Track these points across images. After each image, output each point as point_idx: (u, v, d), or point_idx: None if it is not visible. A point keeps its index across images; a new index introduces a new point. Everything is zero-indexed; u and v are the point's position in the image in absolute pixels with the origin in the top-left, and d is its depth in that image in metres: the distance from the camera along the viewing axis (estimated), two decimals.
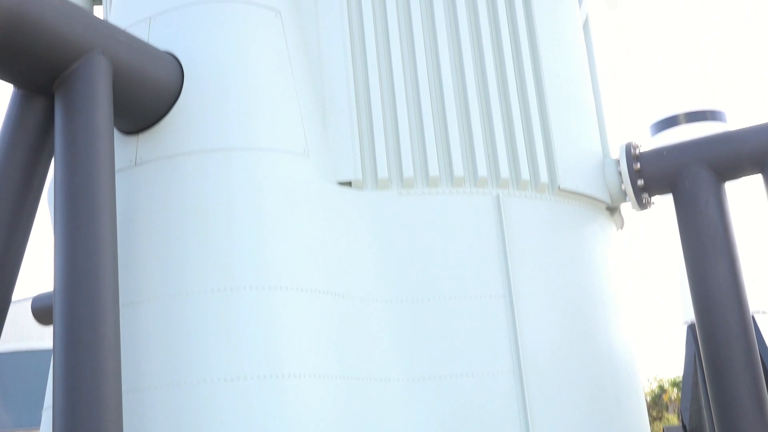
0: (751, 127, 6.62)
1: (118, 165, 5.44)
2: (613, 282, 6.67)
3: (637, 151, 6.83)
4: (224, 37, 5.63)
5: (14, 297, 5.00)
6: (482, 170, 6.02)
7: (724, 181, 6.61)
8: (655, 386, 28.37)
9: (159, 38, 5.73)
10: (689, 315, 13.58)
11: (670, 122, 15.68)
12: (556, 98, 6.56)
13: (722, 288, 6.33)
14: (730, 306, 6.30)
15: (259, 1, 5.85)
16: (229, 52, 5.59)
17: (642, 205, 6.86)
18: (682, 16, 15.68)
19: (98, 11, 7.94)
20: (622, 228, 7.36)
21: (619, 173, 6.79)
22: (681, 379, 11.60)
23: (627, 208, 7.16)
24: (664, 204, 8.15)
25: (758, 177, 6.57)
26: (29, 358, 13.78)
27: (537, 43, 6.60)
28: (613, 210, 7.03)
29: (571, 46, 7.01)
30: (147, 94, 5.26)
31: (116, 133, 5.55)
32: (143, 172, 5.39)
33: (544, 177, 6.24)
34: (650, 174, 6.71)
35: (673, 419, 25.50)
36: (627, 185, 6.74)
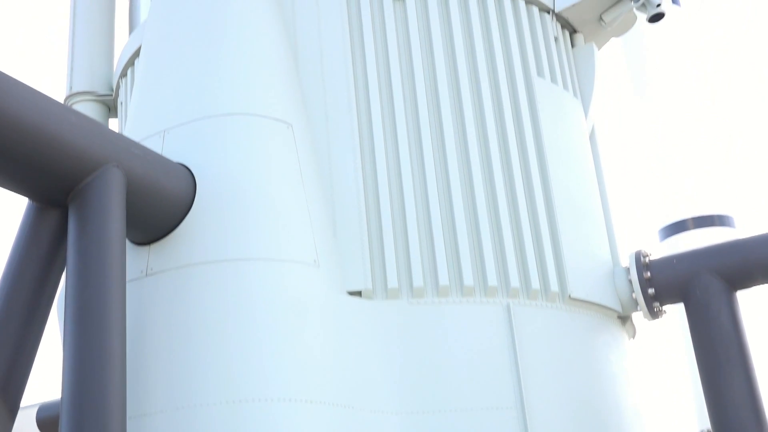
0: (761, 236, 6.63)
1: (129, 276, 5.46)
2: (628, 392, 6.57)
3: (647, 260, 6.83)
4: (236, 149, 5.73)
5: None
6: (492, 279, 6.02)
7: (736, 290, 6.58)
8: None
9: (173, 150, 5.83)
10: (704, 423, 13.32)
11: (678, 227, 15.74)
12: (564, 207, 6.61)
13: (739, 400, 6.22)
14: (747, 418, 6.18)
15: (271, 114, 5.97)
16: (241, 163, 5.68)
17: (654, 314, 6.82)
18: (689, 121, 15.90)
19: (113, 123, 8.11)
20: (634, 337, 7.29)
21: (630, 282, 6.77)
22: None
23: (638, 317, 7.11)
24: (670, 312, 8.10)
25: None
26: None
27: (544, 153, 6.69)
28: (624, 319, 6.99)
29: (578, 156, 7.10)
30: (160, 205, 5.32)
31: (128, 244, 5.59)
32: (154, 282, 5.41)
33: (554, 286, 6.23)
34: (661, 283, 6.69)
35: None
36: (638, 294, 6.71)
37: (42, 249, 4.94)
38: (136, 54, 7.34)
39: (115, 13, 8.35)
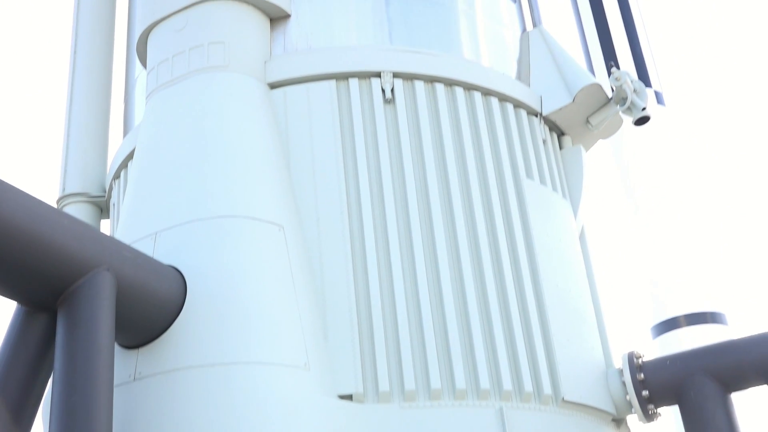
0: (754, 336, 6.61)
1: (116, 380, 5.39)
2: None
3: (640, 361, 6.79)
4: (227, 251, 5.74)
5: None
6: (485, 382, 5.96)
7: (730, 392, 6.53)
8: None
9: (164, 252, 5.84)
10: None
11: (670, 325, 15.70)
12: (556, 308, 6.60)
13: None
14: None
15: (263, 216, 6.00)
16: (232, 266, 5.68)
17: (648, 416, 6.74)
18: (679, 219, 16.04)
19: (105, 224, 8.13)
20: None
21: (623, 384, 6.71)
22: None
23: (633, 419, 7.02)
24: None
25: (764, 388, 6.49)
26: None
27: (535, 254, 6.72)
28: (619, 422, 6.89)
29: (568, 256, 7.13)
30: (150, 309, 5.29)
31: (116, 348, 5.54)
32: (142, 387, 5.33)
33: (547, 389, 6.16)
34: (655, 385, 6.63)
35: None
36: (632, 396, 6.65)
37: (29, 353, 4.88)
38: (130, 156, 7.42)
39: (110, 115, 8.47)
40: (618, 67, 16.83)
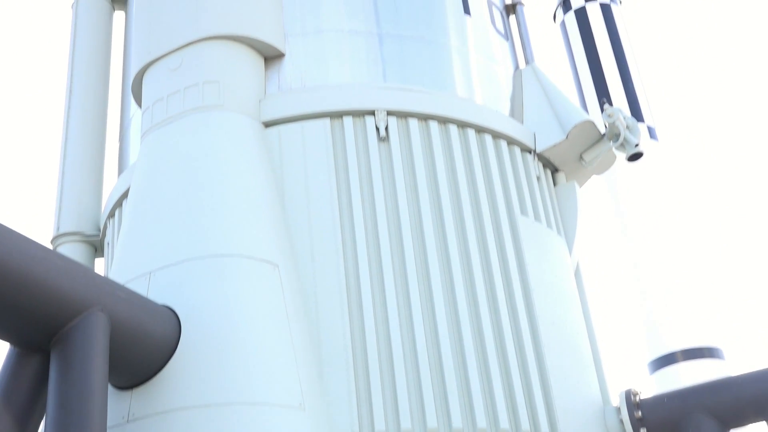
0: (751, 374, 6.59)
1: (110, 422, 5.33)
2: None
3: (638, 399, 6.75)
4: (221, 291, 5.72)
5: None
6: (481, 421, 5.91)
7: (728, 429, 6.48)
8: None
9: (158, 292, 5.81)
10: None
11: (668, 360, 15.62)
12: (552, 345, 6.57)
13: None
14: None
15: (258, 255, 5.99)
16: (226, 306, 5.65)
17: None
18: (674, 253, 16.04)
19: (99, 263, 8.10)
20: None
21: (621, 421, 6.67)
22: None
23: None
24: None
25: (762, 424, 6.45)
26: None
27: (530, 291, 6.70)
28: None
29: (564, 293, 7.11)
30: (144, 349, 5.25)
31: (110, 389, 5.49)
32: (136, 429, 5.27)
33: (544, 427, 6.12)
34: (653, 422, 6.59)
35: None
36: None
37: (22, 395, 4.82)
38: (125, 195, 7.42)
39: (105, 154, 8.48)
40: (611, 104, 16.93)
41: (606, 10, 18.63)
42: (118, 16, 9.24)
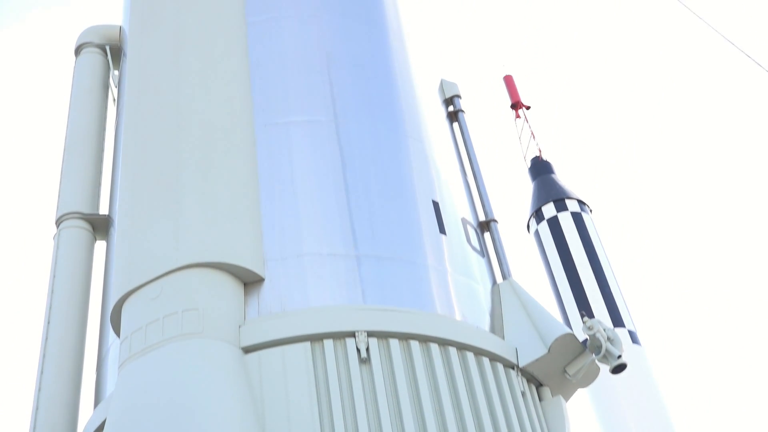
0: None
1: None
2: None
3: None
4: None
5: None
6: None
7: None
8: None
9: None
10: None
11: None
12: None
13: None
14: None
15: None
16: None
17: None
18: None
19: None
20: None
21: None
22: None
23: None
24: None
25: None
26: None
27: None
28: None
29: None
30: None
31: None
32: None
33: None
34: None
35: None
36: None
37: None
38: (101, 428, 7.21)
39: (81, 386, 8.32)
40: (590, 316, 17.03)
41: (578, 218, 19.20)
42: (100, 245, 9.37)
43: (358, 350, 6.89)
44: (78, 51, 10.71)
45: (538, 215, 19.47)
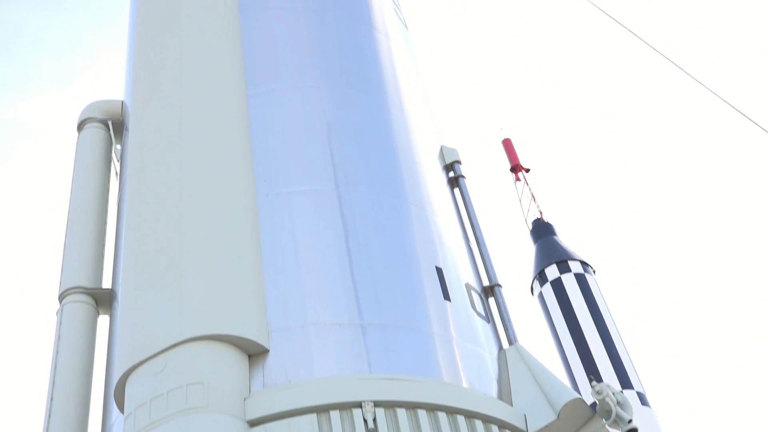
0: None
1: None
2: None
3: None
4: None
5: None
6: None
7: None
8: None
9: None
10: None
11: None
12: None
13: None
14: None
15: None
16: None
17: None
18: None
19: None
20: None
21: None
22: None
23: None
24: None
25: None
26: None
27: None
28: None
29: None
30: None
31: None
32: None
33: None
34: None
35: None
36: None
37: None
38: None
39: None
40: (598, 380, 16.85)
41: (581, 279, 19.14)
42: (103, 320, 9.33)
43: (365, 421, 6.80)
44: (80, 126, 10.82)
45: (541, 277, 19.40)
